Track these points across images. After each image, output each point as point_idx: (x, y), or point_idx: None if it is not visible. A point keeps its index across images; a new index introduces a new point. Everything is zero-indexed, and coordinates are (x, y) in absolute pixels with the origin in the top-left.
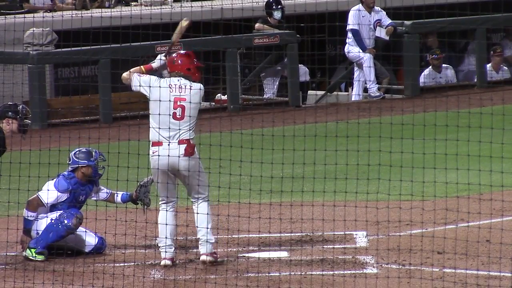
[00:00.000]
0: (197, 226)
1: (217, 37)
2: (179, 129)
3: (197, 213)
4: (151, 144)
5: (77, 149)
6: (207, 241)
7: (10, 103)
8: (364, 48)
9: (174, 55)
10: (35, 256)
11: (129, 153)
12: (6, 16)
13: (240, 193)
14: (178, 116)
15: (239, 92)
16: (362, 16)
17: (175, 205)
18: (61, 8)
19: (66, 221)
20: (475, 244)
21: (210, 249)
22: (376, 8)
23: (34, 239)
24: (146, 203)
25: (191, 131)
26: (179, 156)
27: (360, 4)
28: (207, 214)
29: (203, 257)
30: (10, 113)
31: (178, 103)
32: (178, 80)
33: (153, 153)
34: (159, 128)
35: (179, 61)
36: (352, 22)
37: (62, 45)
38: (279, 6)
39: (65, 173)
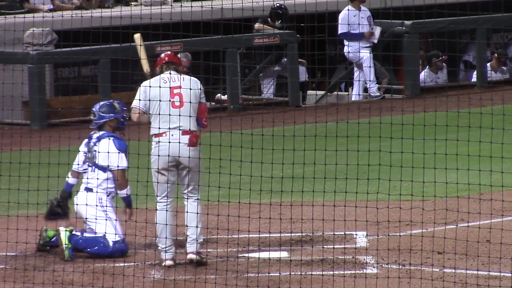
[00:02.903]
0: (186, 225)
1: (217, 37)
2: (180, 118)
3: (188, 212)
4: (153, 138)
5: (98, 105)
6: (196, 240)
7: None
8: (361, 36)
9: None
10: (67, 245)
11: (129, 153)
12: (6, 16)
13: (240, 193)
14: (177, 104)
15: (239, 92)
16: (354, 16)
17: (173, 204)
18: (61, 8)
19: (108, 244)
20: (475, 244)
21: (198, 248)
22: (364, 8)
23: (78, 238)
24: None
25: (193, 122)
26: (180, 144)
27: (349, 5)
28: (197, 213)
29: (190, 256)
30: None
31: (175, 92)
32: (169, 73)
33: (155, 144)
34: (160, 120)
35: (166, 56)
36: (341, 26)
37: (62, 45)
38: (281, 19)
39: (104, 133)
